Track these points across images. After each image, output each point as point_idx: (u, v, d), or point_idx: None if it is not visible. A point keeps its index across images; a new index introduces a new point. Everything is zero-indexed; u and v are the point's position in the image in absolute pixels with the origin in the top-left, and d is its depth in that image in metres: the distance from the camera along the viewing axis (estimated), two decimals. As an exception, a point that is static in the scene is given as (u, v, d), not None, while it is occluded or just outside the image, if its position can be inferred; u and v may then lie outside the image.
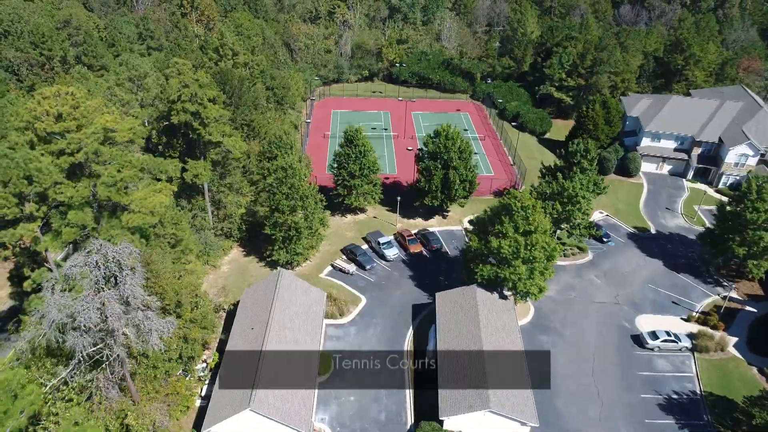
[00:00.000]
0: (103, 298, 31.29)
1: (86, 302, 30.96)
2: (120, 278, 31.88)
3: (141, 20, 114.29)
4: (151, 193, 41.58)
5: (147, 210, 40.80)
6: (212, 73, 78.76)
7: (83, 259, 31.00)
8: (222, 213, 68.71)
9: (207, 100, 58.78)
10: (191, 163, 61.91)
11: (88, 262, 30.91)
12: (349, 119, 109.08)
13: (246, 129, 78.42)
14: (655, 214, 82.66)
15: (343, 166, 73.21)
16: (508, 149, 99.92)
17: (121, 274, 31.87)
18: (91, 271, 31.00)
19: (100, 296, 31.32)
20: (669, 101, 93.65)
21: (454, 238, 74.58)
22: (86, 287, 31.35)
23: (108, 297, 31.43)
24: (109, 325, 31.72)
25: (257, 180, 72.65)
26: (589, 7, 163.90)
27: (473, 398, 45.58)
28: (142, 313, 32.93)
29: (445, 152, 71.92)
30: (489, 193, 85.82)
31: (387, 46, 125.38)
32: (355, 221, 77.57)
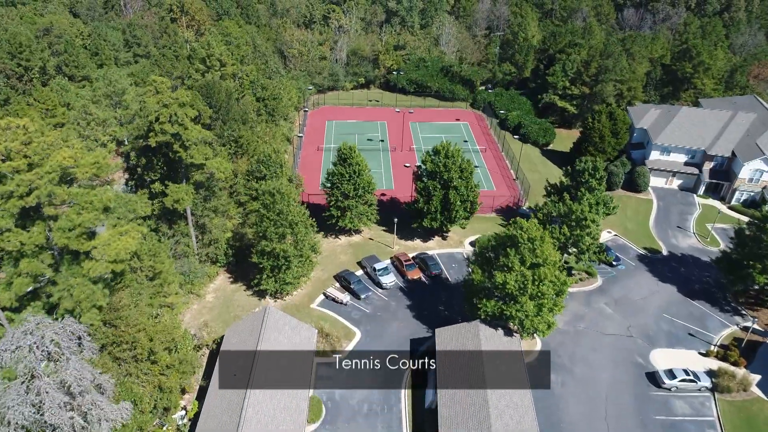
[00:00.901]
0: (39, 388, 26.69)
1: (17, 395, 26.39)
2: (62, 362, 27.26)
3: (127, 27, 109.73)
4: (116, 236, 37.07)
5: (111, 257, 36.37)
6: (198, 86, 74.34)
7: (16, 342, 26.45)
8: (207, 238, 64.28)
9: (188, 120, 54.27)
10: (172, 187, 57.45)
11: (21, 345, 26.35)
12: (344, 130, 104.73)
13: (233, 145, 74.00)
14: (666, 233, 78.40)
15: (336, 186, 68.81)
16: (510, 162, 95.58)
17: (62, 358, 27.26)
18: (25, 356, 26.43)
19: (35, 386, 26.70)
20: (679, 113, 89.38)
21: (454, 262, 70.25)
22: (20, 374, 26.83)
23: (46, 386, 26.83)
24: (47, 419, 27.22)
25: (245, 201, 68.27)
26: (592, 10, 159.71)
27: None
28: (90, 398, 28.28)
29: (445, 171, 67.56)
30: (491, 211, 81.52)
31: (384, 53, 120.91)
32: (349, 243, 73.18)
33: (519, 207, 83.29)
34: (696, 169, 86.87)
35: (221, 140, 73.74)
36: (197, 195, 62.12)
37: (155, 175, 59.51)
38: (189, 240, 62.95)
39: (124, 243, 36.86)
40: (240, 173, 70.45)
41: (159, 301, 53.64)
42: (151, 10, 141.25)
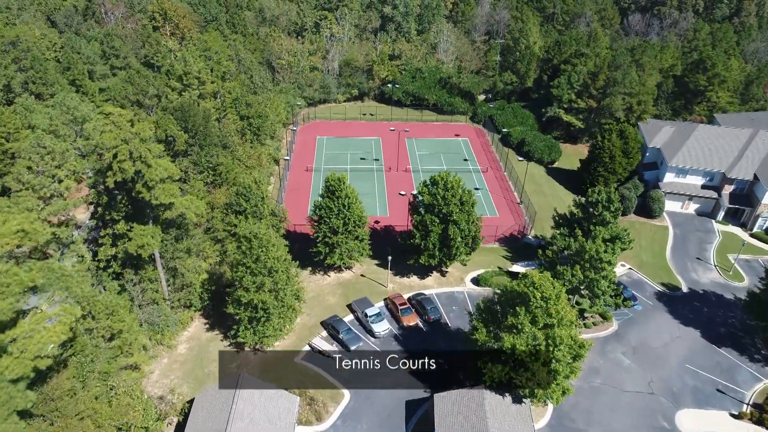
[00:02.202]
0: None
1: None
2: None
3: (105, 37, 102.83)
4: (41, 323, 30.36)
5: (33, 352, 29.81)
6: (173, 107, 67.69)
7: None
8: (179, 282, 57.66)
9: (152, 157, 47.64)
10: (137, 229, 50.85)
11: None
12: (335, 148, 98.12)
13: (211, 174, 67.38)
14: (685, 265, 72.02)
15: (323, 221, 62.25)
16: (513, 184, 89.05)
17: None
18: None
19: None
20: (695, 131, 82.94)
21: (455, 304, 63.76)
22: None
23: None
24: None
25: (223, 238, 61.74)
26: (595, 14, 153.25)
27: None
28: None
29: (444, 205, 61.02)
30: (494, 241, 75.05)
31: (378, 63, 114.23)
32: (339, 282, 66.62)
33: (524, 236, 76.85)
34: (714, 193, 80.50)
35: (198, 168, 67.20)
36: (167, 235, 55.57)
37: (119, 215, 52.89)
38: (158, 285, 56.33)
39: (50, 335, 30.29)
40: (218, 206, 63.86)
41: (119, 363, 47.08)
42: (135, 16, 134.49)
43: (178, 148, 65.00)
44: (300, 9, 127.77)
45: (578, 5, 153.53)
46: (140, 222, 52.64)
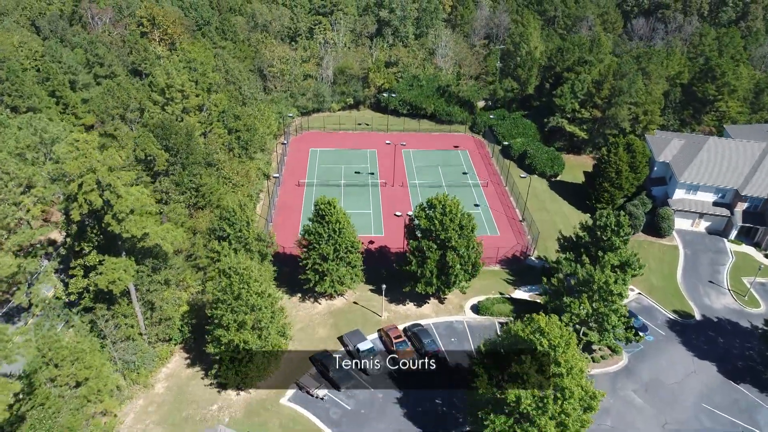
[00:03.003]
0: None
1: None
2: None
3: (89, 44, 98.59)
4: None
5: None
6: (153, 124, 63.57)
7: None
8: (156, 315, 53.54)
9: (122, 186, 43.52)
10: (108, 262, 46.78)
11: None
12: (329, 160, 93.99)
13: (194, 195, 63.27)
14: (697, 290, 68.04)
15: (313, 247, 58.17)
16: (515, 200, 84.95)
17: None
18: None
19: None
20: (705, 144, 78.90)
21: (454, 335, 59.70)
22: None
23: None
24: None
25: (205, 266, 57.64)
26: (597, 18, 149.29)
27: None
28: None
29: (442, 231, 56.94)
30: (495, 262, 71.01)
31: (374, 70, 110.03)
32: (329, 310, 62.54)
33: (527, 257, 72.82)
34: (727, 211, 76.52)
35: (180, 188, 63.08)
36: (143, 266, 51.48)
37: (89, 246, 48.79)
38: (134, 320, 52.24)
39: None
40: (200, 231, 59.77)
41: (88, 412, 42.98)
42: (124, 21, 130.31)
43: (158, 168, 60.91)
44: (294, 14, 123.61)
45: (580, 9, 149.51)
46: (113, 253, 48.61)
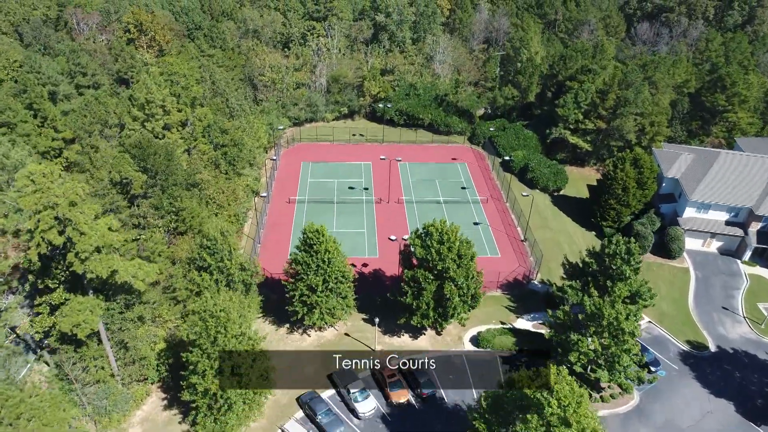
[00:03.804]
0: None
1: None
2: None
3: (71, 53, 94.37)
4: None
5: None
6: (129, 144, 59.48)
7: None
8: (130, 355, 49.43)
9: (85, 223, 39.41)
10: (72, 302, 42.75)
11: None
12: (322, 174, 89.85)
13: (174, 219, 59.16)
14: (710, 317, 64.09)
15: (300, 278, 54.09)
16: (516, 217, 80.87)
17: None
18: None
19: None
20: (717, 159, 74.91)
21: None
22: None
23: None
24: None
25: (185, 298, 53.57)
26: (600, 21, 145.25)
27: None
28: None
29: (439, 261, 52.89)
30: (496, 287, 67.01)
31: (369, 79, 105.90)
32: (319, 343, 58.44)
33: (529, 281, 68.81)
34: (740, 230, 72.55)
35: (159, 212, 58.97)
36: (113, 303, 47.40)
37: (54, 283, 44.70)
38: (105, 361, 48.16)
39: None
40: (179, 260, 55.68)
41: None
42: (111, 26, 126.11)
43: (134, 191, 56.82)
44: (286, 19, 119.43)
45: (581, 12, 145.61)
46: (80, 291, 44.52)
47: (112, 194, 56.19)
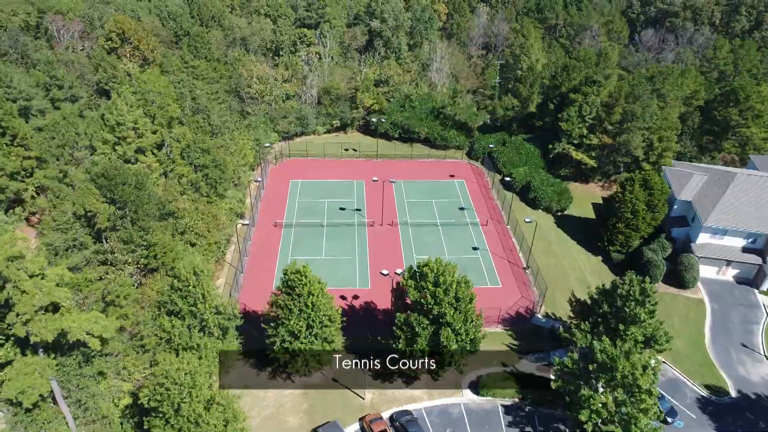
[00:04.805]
0: None
1: None
2: None
3: (45, 65, 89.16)
4: None
5: None
6: (95, 173, 54.36)
7: None
8: (90, 415, 44.34)
9: (27, 280, 34.33)
10: (18, 364, 37.67)
11: None
12: (311, 194, 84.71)
13: (145, 255, 54.03)
14: (729, 355, 59.20)
15: (281, 322, 49.04)
16: (518, 242, 75.84)
17: None
18: None
19: None
20: (733, 181, 70.00)
21: (449, 423, 50.66)
22: None
23: None
24: None
25: (153, 347, 48.46)
26: (602, 27, 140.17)
27: None
28: None
29: (435, 305, 47.89)
30: (496, 323, 62.01)
31: (363, 90, 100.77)
32: (304, 390, 53.39)
33: (533, 315, 63.83)
34: (758, 258, 67.68)
35: (128, 246, 53.86)
36: (69, 358, 42.32)
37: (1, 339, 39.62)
38: (62, 423, 43.06)
39: None
40: (148, 302, 50.58)
41: None
42: (95, 33, 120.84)
43: (100, 225, 51.73)
44: (276, 26, 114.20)
45: (583, 17, 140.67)
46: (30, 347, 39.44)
47: (75, 228, 51.11)
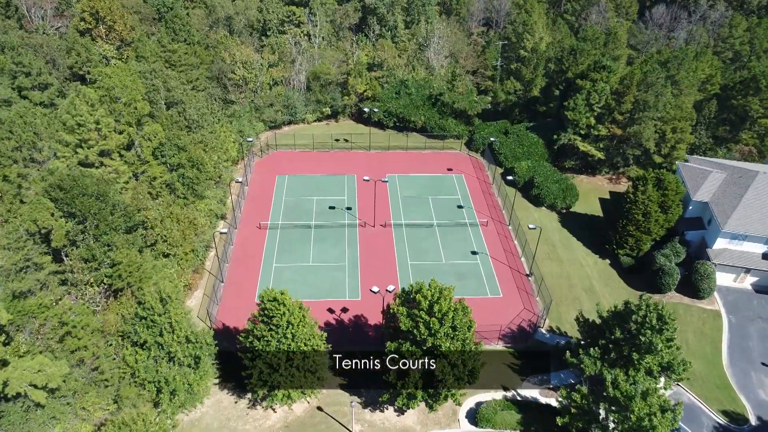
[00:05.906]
0: None
1: None
2: None
3: (10, 50, 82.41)
4: None
5: None
6: (50, 184, 48.69)
7: None
8: (43, 463, 39.77)
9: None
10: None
11: None
12: (299, 190, 79.06)
13: (109, 274, 48.80)
14: (749, 377, 54.66)
15: (258, 354, 44.16)
16: (520, 245, 70.64)
17: None
18: None
19: None
20: (754, 181, 64.53)
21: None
22: None
23: None
24: None
25: (116, 381, 43.66)
26: (610, 2, 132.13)
27: None
28: None
29: (429, 336, 42.94)
30: (497, 339, 57.29)
31: (355, 75, 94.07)
32: (286, 421, 48.87)
33: (536, 329, 59.09)
34: (780, 266, 62.74)
35: (90, 265, 48.63)
36: (14, 404, 37.52)
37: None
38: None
39: None
40: (110, 331, 45.58)
41: None
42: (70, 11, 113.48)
43: (55, 244, 46.38)
44: (263, 4, 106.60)
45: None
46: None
47: (28, 247, 45.75)
